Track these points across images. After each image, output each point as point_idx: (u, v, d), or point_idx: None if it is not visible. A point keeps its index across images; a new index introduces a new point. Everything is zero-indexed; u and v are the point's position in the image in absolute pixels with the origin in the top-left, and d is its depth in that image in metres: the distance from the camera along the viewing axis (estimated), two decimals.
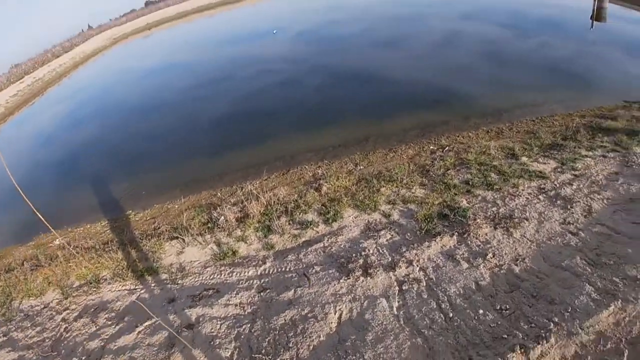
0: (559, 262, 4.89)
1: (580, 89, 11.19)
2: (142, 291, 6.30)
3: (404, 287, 5.00)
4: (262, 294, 5.54)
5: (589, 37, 16.06)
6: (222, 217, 7.52)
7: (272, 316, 5.07)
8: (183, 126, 14.86)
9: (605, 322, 3.99)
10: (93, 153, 14.67)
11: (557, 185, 6.55)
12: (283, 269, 5.94)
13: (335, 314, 4.86)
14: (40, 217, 2.63)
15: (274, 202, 7.66)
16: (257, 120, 13.59)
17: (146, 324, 5.54)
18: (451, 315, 4.45)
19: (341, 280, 5.34)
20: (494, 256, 5.18)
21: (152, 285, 6.40)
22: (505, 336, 4.03)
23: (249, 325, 5.05)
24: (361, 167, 8.66)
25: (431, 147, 8.95)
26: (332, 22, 26.98)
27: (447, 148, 8.67)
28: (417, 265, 5.31)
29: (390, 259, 5.52)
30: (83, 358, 5.25)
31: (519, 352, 3.80)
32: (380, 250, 5.75)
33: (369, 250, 5.76)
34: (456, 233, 5.77)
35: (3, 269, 8.09)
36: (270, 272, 5.96)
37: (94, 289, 6.59)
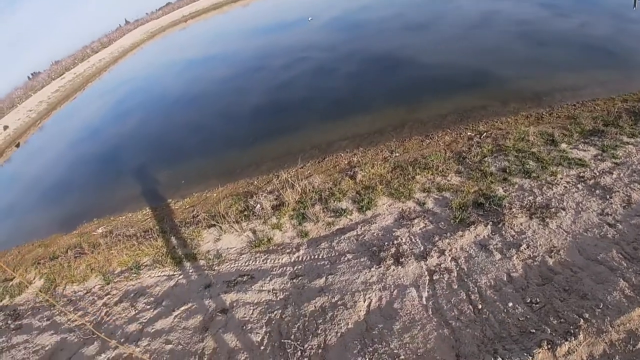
0: (594, 255, 4.71)
1: (623, 72, 10.51)
2: (180, 277, 6.54)
3: (434, 277, 4.97)
4: (294, 280, 5.63)
5: (631, 16, 15.06)
6: (258, 205, 7.68)
7: (302, 303, 5.16)
8: (220, 116, 15.18)
9: (637, 321, 3.84)
10: (134, 144, 15.30)
11: (597, 173, 6.25)
12: (316, 256, 6.01)
13: (364, 302, 4.89)
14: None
15: (309, 190, 7.71)
16: (292, 108, 13.69)
17: (182, 308, 5.76)
18: (480, 307, 4.38)
19: (372, 269, 5.36)
20: (527, 247, 5.04)
21: (190, 271, 6.63)
22: (534, 331, 3.95)
23: (280, 311, 5.16)
24: (397, 154, 8.56)
25: (468, 133, 8.69)
26: (364, 8, 26.70)
27: (484, 134, 8.41)
28: (449, 255, 5.24)
29: (422, 248, 5.48)
30: (122, 340, 5.51)
31: (546, 347, 3.72)
32: (413, 239, 5.71)
33: (401, 239, 5.73)
34: (491, 222, 5.64)
35: (48, 257, 8.58)
36: (304, 259, 6.05)
37: (135, 275, 6.90)
